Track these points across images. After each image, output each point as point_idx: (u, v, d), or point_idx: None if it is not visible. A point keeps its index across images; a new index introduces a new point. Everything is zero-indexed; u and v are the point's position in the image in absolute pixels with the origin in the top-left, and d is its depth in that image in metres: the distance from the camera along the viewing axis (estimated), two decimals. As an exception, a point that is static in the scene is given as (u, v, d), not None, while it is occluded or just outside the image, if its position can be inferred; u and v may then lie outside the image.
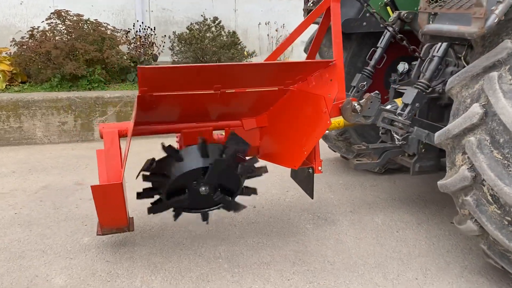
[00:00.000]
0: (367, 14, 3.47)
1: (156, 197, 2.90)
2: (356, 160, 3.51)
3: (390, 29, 3.42)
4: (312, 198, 3.17)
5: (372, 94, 2.92)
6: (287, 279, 2.78)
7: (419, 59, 3.46)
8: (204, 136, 2.94)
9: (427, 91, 3.04)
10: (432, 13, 2.51)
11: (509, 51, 2.20)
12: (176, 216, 2.94)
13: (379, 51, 3.65)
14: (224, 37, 6.26)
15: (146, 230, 3.30)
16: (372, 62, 3.67)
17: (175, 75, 2.46)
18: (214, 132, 3.08)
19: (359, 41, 4.07)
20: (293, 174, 3.38)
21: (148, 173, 2.77)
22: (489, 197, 2.33)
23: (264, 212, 3.65)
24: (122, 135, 2.89)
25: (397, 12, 3.61)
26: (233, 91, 2.69)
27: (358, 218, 3.59)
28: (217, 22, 6.41)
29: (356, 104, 2.88)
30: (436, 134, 2.63)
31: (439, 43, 3.05)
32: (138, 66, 2.30)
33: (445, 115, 3.36)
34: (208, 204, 2.97)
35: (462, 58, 3.12)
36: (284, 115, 2.99)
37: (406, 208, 3.78)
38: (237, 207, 2.96)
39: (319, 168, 3.01)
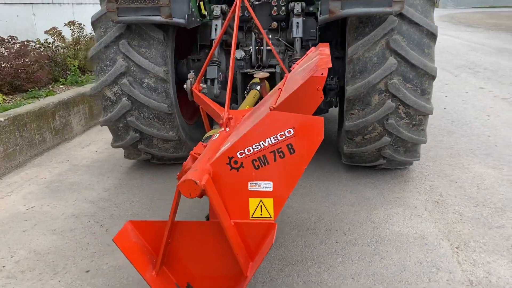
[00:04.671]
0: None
1: None
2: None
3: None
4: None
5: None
6: None
7: (255, 44, 4.09)
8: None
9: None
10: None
11: (397, 21, 3.51)
12: None
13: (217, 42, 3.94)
14: None
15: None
16: (216, 54, 3.92)
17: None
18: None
19: (173, 37, 4.07)
20: None
21: None
22: (402, 114, 3.68)
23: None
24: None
25: (220, 6, 4.02)
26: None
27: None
28: None
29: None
30: (354, 87, 3.62)
31: (296, 23, 3.87)
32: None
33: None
34: None
35: None
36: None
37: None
38: None
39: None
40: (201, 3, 4.02)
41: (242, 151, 2.09)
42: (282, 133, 2.06)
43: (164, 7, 3.58)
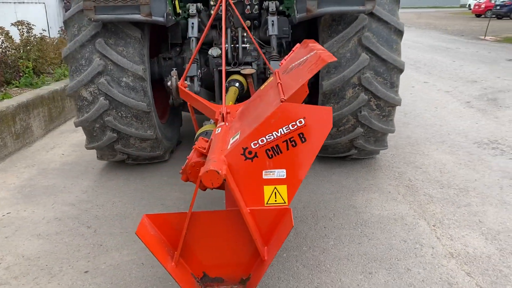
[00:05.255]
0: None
1: None
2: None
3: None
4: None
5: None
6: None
7: (231, 42, 4.17)
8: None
9: (277, 61, 4.01)
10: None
11: (367, 19, 3.75)
12: None
13: (195, 40, 3.99)
14: None
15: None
16: (194, 52, 3.97)
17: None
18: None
19: (148, 35, 4.07)
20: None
21: None
22: (374, 106, 3.94)
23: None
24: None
25: (195, 4, 4.07)
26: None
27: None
28: None
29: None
30: (330, 82, 3.81)
31: (271, 21, 4.01)
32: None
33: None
34: None
35: None
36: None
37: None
38: None
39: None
40: (176, 1, 4.06)
41: (256, 141, 2.20)
42: (294, 123, 2.19)
43: (144, 6, 3.59)
